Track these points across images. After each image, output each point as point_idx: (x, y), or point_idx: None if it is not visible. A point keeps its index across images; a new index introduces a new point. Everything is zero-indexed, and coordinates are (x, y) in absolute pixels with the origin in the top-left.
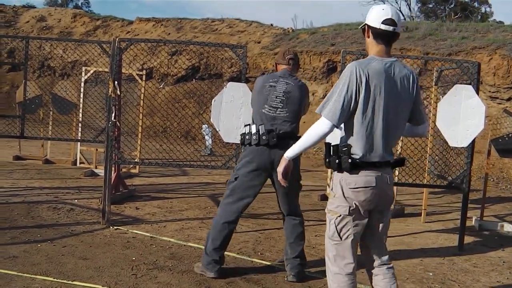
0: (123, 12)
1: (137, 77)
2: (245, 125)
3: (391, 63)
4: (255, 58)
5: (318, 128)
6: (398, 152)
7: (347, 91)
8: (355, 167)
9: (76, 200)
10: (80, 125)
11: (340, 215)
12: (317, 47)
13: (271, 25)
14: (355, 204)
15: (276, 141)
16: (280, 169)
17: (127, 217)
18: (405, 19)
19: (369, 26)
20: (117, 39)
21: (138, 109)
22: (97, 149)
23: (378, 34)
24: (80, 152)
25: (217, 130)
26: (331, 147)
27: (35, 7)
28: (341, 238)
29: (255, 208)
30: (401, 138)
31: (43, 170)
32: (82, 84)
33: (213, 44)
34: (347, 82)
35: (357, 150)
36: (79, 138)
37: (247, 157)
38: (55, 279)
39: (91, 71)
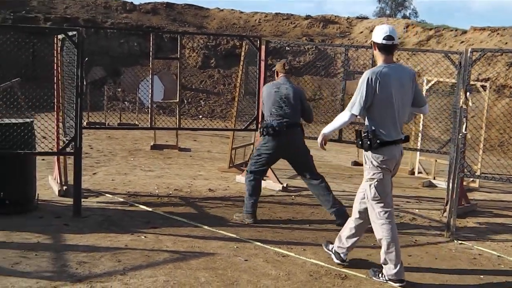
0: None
1: (480, 88)
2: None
3: (395, 67)
4: None
5: (344, 117)
6: None
7: (367, 92)
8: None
9: (417, 210)
10: (420, 134)
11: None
12: None
13: None
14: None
15: (286, 130)
16: (319, 140)
17: (470, 232)
18: None
19: (374, 42)
20: (469, 49)
21: (473, 121)
22: (436, 160)
23: (382, 48)
24: (419, 162)
25: None
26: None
27: (368, 18)
28: None
29: None
30: None
31: None
32: (424, 94)
33: None
34: (365, 86)
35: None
36: (419, 148)
37: (267, 143)
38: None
39: (433, 81)
